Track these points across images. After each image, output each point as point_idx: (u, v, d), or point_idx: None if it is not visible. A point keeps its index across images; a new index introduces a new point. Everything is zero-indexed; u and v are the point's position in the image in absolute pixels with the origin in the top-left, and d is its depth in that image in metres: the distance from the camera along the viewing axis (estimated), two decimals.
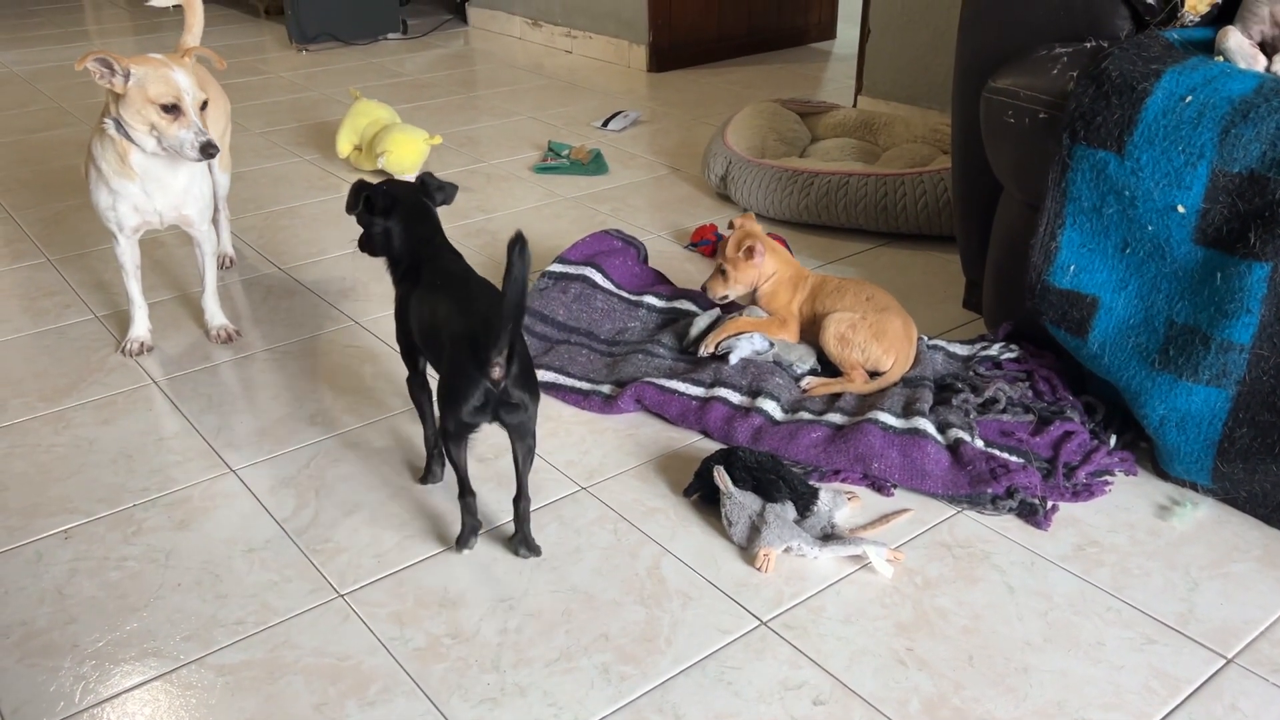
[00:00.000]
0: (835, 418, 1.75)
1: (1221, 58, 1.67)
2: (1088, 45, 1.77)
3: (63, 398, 1.91)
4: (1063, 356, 1.82)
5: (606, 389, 1.87)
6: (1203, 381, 1.53)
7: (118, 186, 1.91)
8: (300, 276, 2.41)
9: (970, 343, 1.95)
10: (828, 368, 1.91)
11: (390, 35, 4.84)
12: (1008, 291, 1.90)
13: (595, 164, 3.08)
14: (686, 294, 2.16)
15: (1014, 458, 1.63)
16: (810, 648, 1.33)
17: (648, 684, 1.28)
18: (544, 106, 3.76)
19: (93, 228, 2.63)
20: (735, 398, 1.80)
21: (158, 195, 1.93)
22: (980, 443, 1.66)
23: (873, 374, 1.84)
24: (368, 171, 3.02)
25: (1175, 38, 1.74)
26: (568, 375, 1.91)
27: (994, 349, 1.89)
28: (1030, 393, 1.78)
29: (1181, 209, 1.52)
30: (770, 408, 1.77)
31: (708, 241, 2.50)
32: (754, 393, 1.80)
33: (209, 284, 2.11)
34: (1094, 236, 1.64)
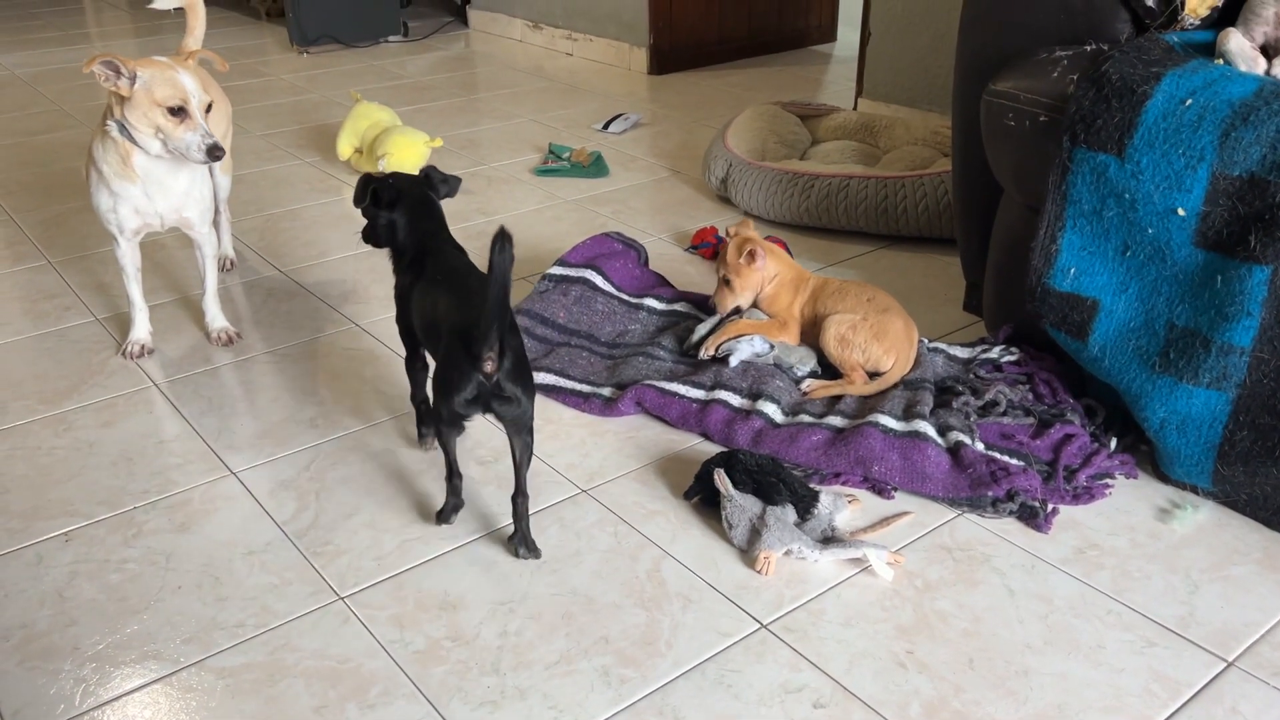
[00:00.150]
0: (836, 420, 1.75)
1: (1222, 60, 1.67)
2: (1088, 48, 1.77)
3: (63, 400, 1.92)
4: (1063, 359, 1.82)
5: (607, 391, 1.87)
6: (1203, 384, 1.53)
7: (119, 189, 1.91)
8: (301, 279, 2.41)
9: (971, 345, 1.95)
10: (828, 370, 1.91)
11: (391, 38, 4.85)
12: (1008, 294, 1.90)
13: (596, 166, 3.08)
14: (687, 297, 2.17)
15: (1014, 460, 1.63)
16: (810, 651, 1.33)
17: (648, 687, 1.28)
18: (544, 109, 3.76)
19: (94, 230, 2.63)
20: (736, 400, 1.80)
21: (159, 198, 1.93)
22: (981, 445, 1.66)
23: (873, 374, 1.84)
24: None
25: (1175, 41, 1.74)
26: (568, 378, 1.91)
27: (994, 352, 1.89)
28: (1031, 395, 1.78)
29: (1182, 212, 1.52)
30: (771, 410, 1.77)
31: (708, 244, 2.50)
32: (754, 395, 1.80)
33: (209, 286, 2.11)
34: (1094, 239, 1.64)
